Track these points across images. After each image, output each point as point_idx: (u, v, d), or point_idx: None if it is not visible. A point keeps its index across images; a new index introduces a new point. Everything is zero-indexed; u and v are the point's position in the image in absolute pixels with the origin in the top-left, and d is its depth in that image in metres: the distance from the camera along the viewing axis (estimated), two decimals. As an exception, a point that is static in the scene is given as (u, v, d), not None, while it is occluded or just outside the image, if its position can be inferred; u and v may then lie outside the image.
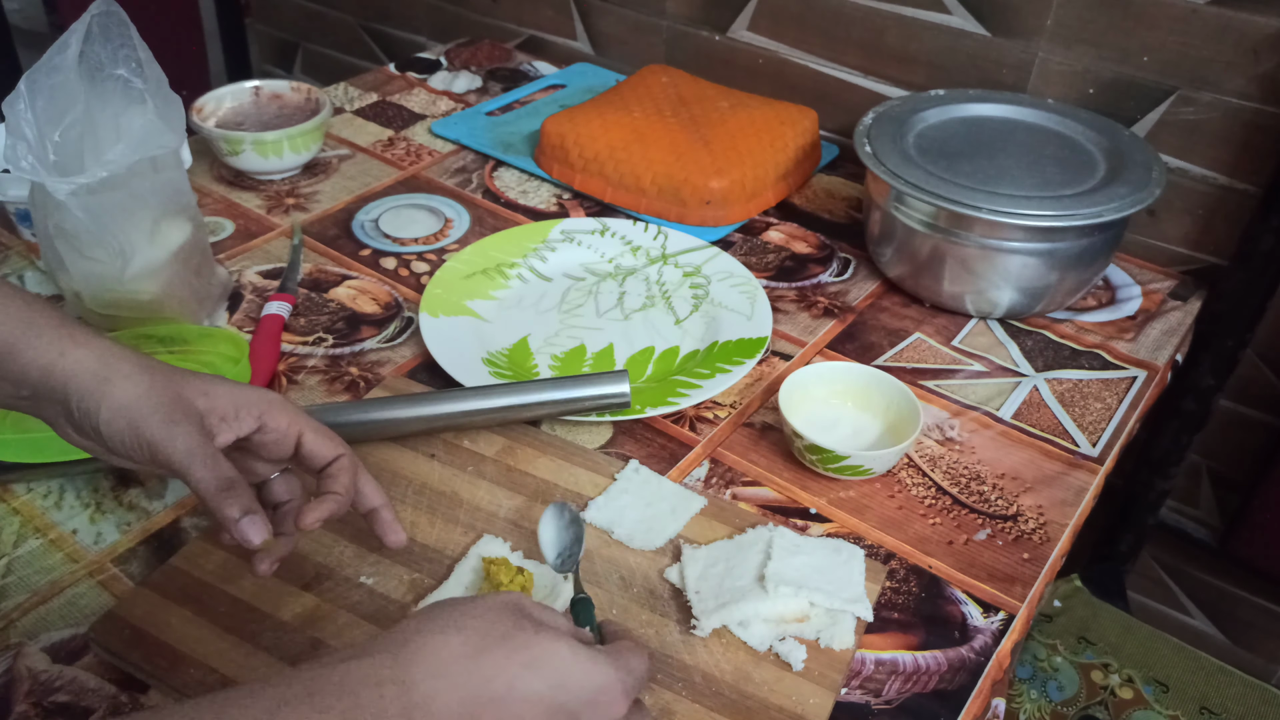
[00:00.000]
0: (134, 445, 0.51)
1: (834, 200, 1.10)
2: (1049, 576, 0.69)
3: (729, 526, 0.68)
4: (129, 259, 0.77)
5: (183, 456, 0.51)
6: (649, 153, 1.02)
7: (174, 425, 0.51)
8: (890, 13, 1.10)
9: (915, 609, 0.65)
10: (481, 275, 0.91)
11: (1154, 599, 1.22)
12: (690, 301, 0.91)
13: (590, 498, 0.70)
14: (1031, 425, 0.81)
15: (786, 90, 1.21)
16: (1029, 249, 0.85)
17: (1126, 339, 0.91)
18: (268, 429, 0.55)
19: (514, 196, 1.07)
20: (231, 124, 1.08)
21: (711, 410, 0.80)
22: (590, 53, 1.38)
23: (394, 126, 1.20)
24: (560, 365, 0.83)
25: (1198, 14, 0.93)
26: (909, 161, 0.89)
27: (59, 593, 0.63)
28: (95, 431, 0.51)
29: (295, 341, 0.85)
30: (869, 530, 0.71)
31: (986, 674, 0.62)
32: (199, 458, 0.51)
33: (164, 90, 0.75)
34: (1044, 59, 1.03)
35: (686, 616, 0.62)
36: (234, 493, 0.51)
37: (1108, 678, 1.01)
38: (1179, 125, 0.98)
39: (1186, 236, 1.02)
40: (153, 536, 0.67)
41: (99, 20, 0.70)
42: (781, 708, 0.57)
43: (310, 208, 1.03)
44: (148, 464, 0.52)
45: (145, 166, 0.75)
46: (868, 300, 0.94)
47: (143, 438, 0.50)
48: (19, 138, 0.69)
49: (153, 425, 0.51)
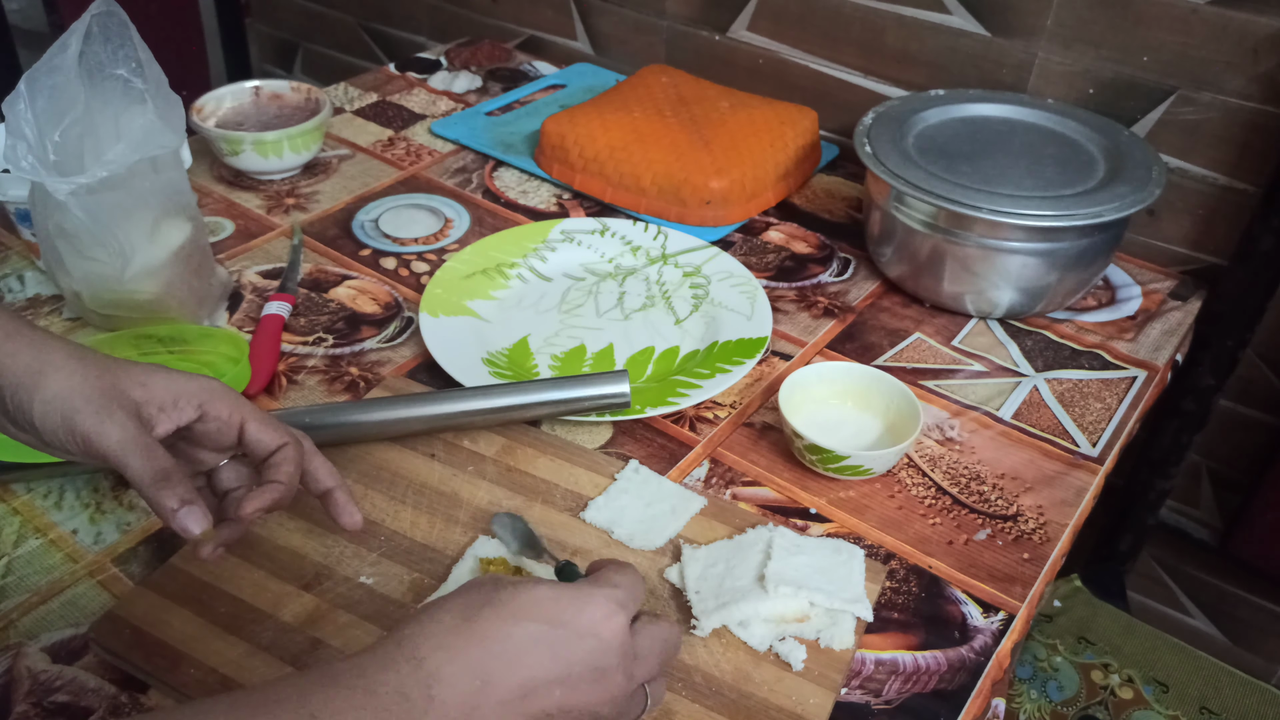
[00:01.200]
0: (68, 438, 0.50)
1: (834, 200, 1.10)
2: (1049, 576, 0.70)
3: (729, 526, 0.68)
4: (129, 259, 0.77)
5: (116, 448, 0.50)
6: (649, 153, 1.02)
7: (107, 417, 0.50)
8: (890, 13, 1.10)
9: (915, 609, 0.65)
10: (481, 275, 0.91)
11: (1154, 599, 1.22)
12: (690, 301, 0.91)
13: (590, 498, 0.70)
14: (1031, 425, 0.81)
15: (786, 90, 1.21)
16: (1029, 249, 0.85)
17: (1126, 339, 0.91)
18: (209, 418, 0.55)
19: (514, 196, 1.07)
20: (231, 124, 1.08)
21: (711, 410, 0.80)
22: (590, 53, 1.38)
23: (394, 126, 1.20)
24: (560, 365, 0.84)
25: (1198, 14, 0.93)
26: (909, 161, 0.89)
27: (59, 593, 0.63)
28: (30, 425, 0.50)
29: (295, 341, 0.85)
30: (869, 530, 0.71)
31: (986, 674, 0.62)
32: (133, 449, 0.50)
33: (164, 90, 0.75)
34: (1044, 59, 1.03)
35: (686, 616, 0.62)
36: (170, 483, 0.50)
37: (1108, 678, 1.01)
38: (1179, 125, 0.98)
39: (1186, 236, 1.02)
40: (153, 536, 0.67)
41: (99, 20, 0.70)
42: (781, 708, 0.57)
43: (310, 208, 1.03)
44: (83, 457, 0.51)
45: (145, 166, 0.75)
46: (868, 300, 0.94)
47: (76, 430, 0.50)
48: (19, 138, 0.69)
49: (85, 417, 0.50)
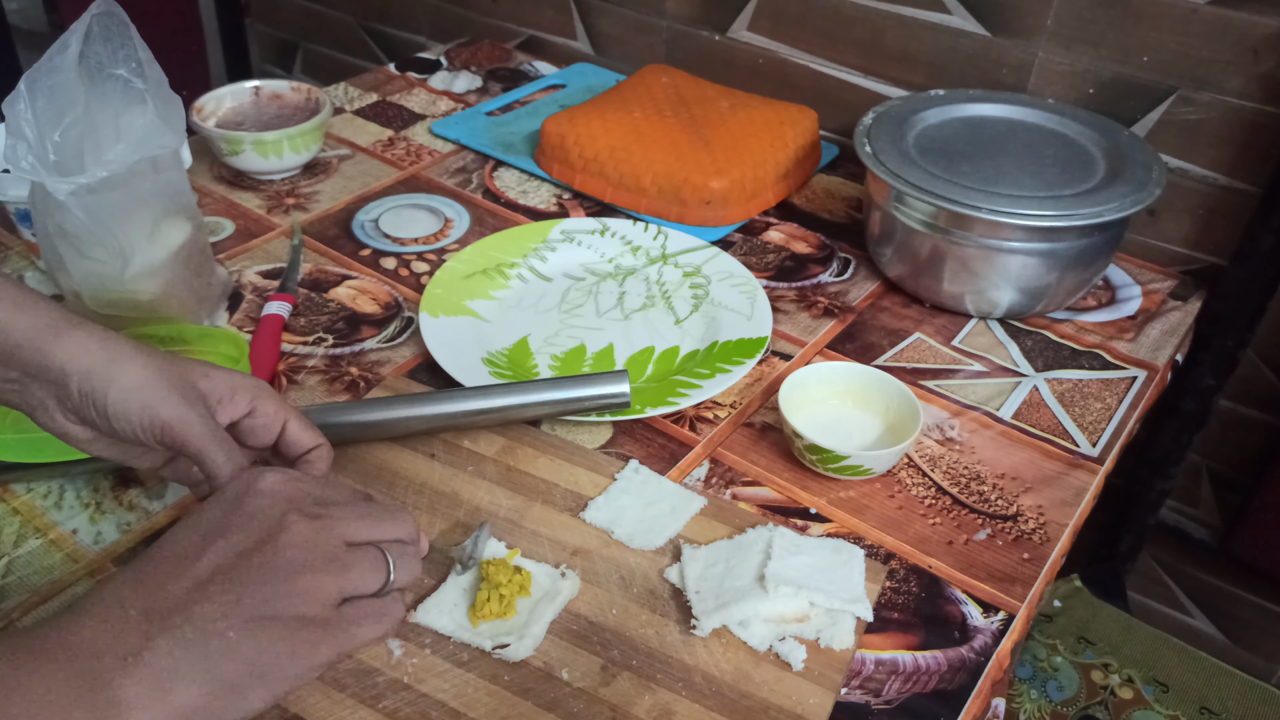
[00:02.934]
0: (145, 425, 0.51)
1: (834, 200, 1.10)
2: (1049, 576, 0.69)
3: (729, 526, 0.68)
4: (129, 259, 0.77)
5: (199, 437, 0.51)
6: (649, 153, 1.02)
7: (189, 407, 0.52)
8: (890, 13, 1.10)
9: (915, 609, 0.65)
10: (481, 275, 0.91)
11: (1154, 599, 1.22)
12: (690, 301, 0.91)
13: (590, 498, 0.70)
14: (1031, 425, 0.81)
15: (786, 90, 1.21)
16: (1029, 249, 0.85)
17: (1126, 339, 0.91)
18: (257, 414, 0.57)
19: (514, 196, 1.07)
20: (231, 124, 1.08)
21: (711, 410, 0.80)
22: (590, 53, 1.38)
23: (394, 126, 1.20)
24: (560, 365, 0.84)
25: (1198, 14, 0.93)
26: (909, 161, 0.89)
27: (59, 592, 0.63)
28: (101, 411, 0.51)
29: (295, 341, 0.85)
30: (869, 530, 0.71)
31: (986, 674, 0.62)
32: (213, 439, 0.52)
33: (164, 90, 0.74)
34: (1044, 59, 1.03)
35: (686, 616, 0.62)
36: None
37: (1108, 678, 1.01)
38: (1179, 125, 0.98)
39: (1186, 236, 1.02)
40: (152, 536, 0.67)
41: (99, 20, 0.70)
42: (781, 708, 0.57)
43: (310, 208, 1.03)
44: (153, 444, 0.52)
45: (145, 166, 0.75)
46: (868, 300, 0.94)
47: (159, 418, 0.51)
48: (19, 138, 0.69)
49: (170, 405, 0.51)
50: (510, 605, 0.61)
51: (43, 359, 0.51)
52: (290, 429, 0.58)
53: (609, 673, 0.59)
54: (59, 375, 0.51)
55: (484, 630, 0.60)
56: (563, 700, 0.57)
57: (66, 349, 0.51)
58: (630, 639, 0.61)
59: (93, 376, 0.51)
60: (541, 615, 0.61)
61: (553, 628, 0.61)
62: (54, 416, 0.53)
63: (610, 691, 0.58)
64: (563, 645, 0.60)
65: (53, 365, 0.51)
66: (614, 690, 0.58)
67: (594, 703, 0.57)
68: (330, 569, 0.46)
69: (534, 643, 0.59)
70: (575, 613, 0.62)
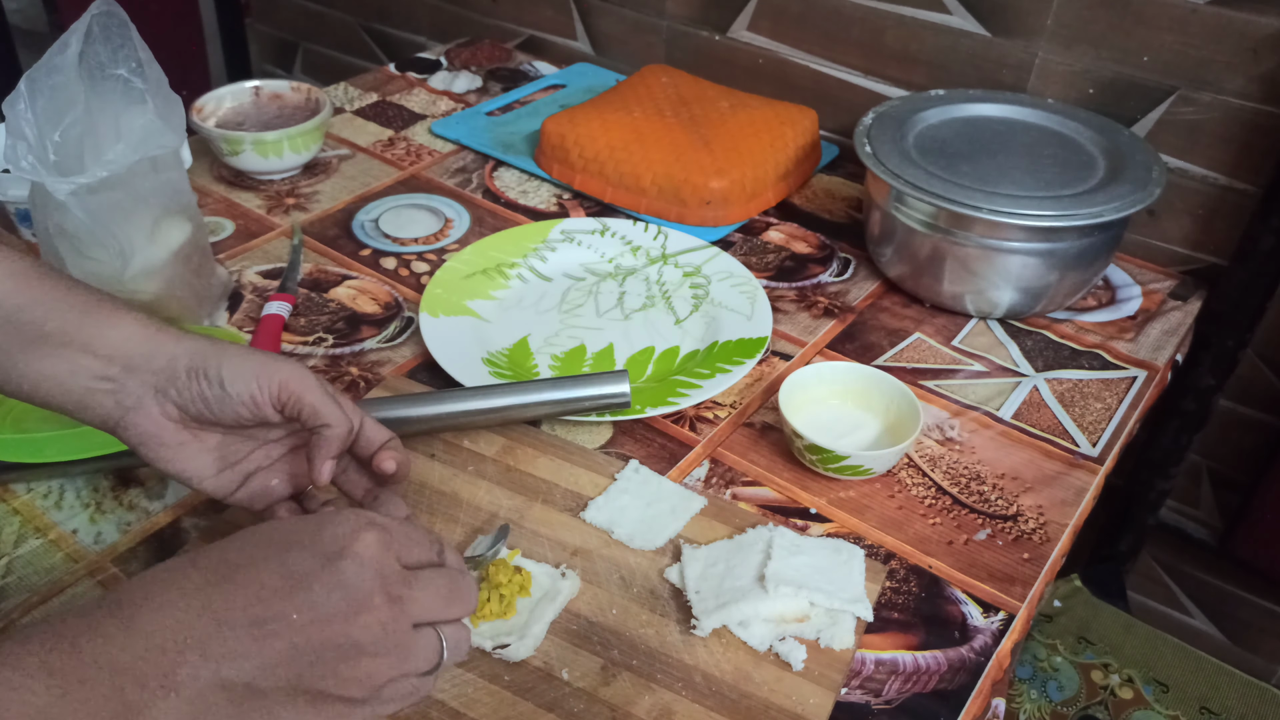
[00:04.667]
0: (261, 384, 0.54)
1: (834, 200, 1.10)
2: (1049, 576, 0.70)
3: (729, 526, 0.68)
4: (129, 259, 0.77)
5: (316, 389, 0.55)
6: (649, 153, 1.02)
7: (301, 366, 0.56)
8: (890, 13, 1.10)
9: (915, 609, 0.65)
10: (481, 275, 0.91)
11: (1154, 599, 1.22)
12: (690, 301, 0.91)
13: (590, 498, 0.70)
14: (1031, 425, 0.81)
15: (786, 90, 1.21)
16: (1029, 249, 0.85)
17: (1126, 339, 0.91)
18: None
19: (514, 196, 1.07)
20: (231, 124, 1.08)
21: (711, 410, 0.80)
22: (590, 53, 1.38)
23: (394, 126, 1.20)
24: (560, 365, 0.84)
25: (1198, 14, 0.93)
26: (909, 161, 0.89)
27: (59, 593, 0.63)
28: (215, 380, 0.54)
29: (295, 341, 0.85)
30: (869, 530, 0.71)
31: (986, 674, 0.62)
32: (330, 392, 0.56)
33: (164, 90, 0.74)
34: (1044, 59, 1.03)
35: (686, 616, 0.62)
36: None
37: (1108, 678, 1.01)
38: (1179, 125, 0.98)
39: (1186, 236, 1.02)
40: (153, 536, 0.67)
41: (99, 20, 0.70)
42: (781, 708, 0.57)
43: (310, 208, 1.03)
44: (267, 406, 0.55)
45: (145, 166, 0.75)
46: (868, 300, 0.94)
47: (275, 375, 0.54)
48: (19, 138, 0.69)
49: (285, 366, 0.55)
50: (510, 605, 0.61)
51: (151, 348, 0.54)
52: (367, 426, 0.59)
53: (609, 673, 0.59)
54: (167, 361, 0.54)
55: (484, 630, 0.60)
56: (563, 700, 0.57)
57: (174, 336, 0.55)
58: (630, 639, 0.61)
59: (202, 354, 0.54)
60: (542, 615, 0.61)
61: (553, 628, 0.61)
62: (149, 413, 0.54)
63: (610, 691, 0.58)
64: (563, 645, 0.60)
65: (159, 354, 0.54)
66: (614, 690, 0.58)
67: (594, 703, 0.57)
68: (392, 656, 0.45)
69: (534, 643, 0.59)
70: (575, 613, 0.62)
